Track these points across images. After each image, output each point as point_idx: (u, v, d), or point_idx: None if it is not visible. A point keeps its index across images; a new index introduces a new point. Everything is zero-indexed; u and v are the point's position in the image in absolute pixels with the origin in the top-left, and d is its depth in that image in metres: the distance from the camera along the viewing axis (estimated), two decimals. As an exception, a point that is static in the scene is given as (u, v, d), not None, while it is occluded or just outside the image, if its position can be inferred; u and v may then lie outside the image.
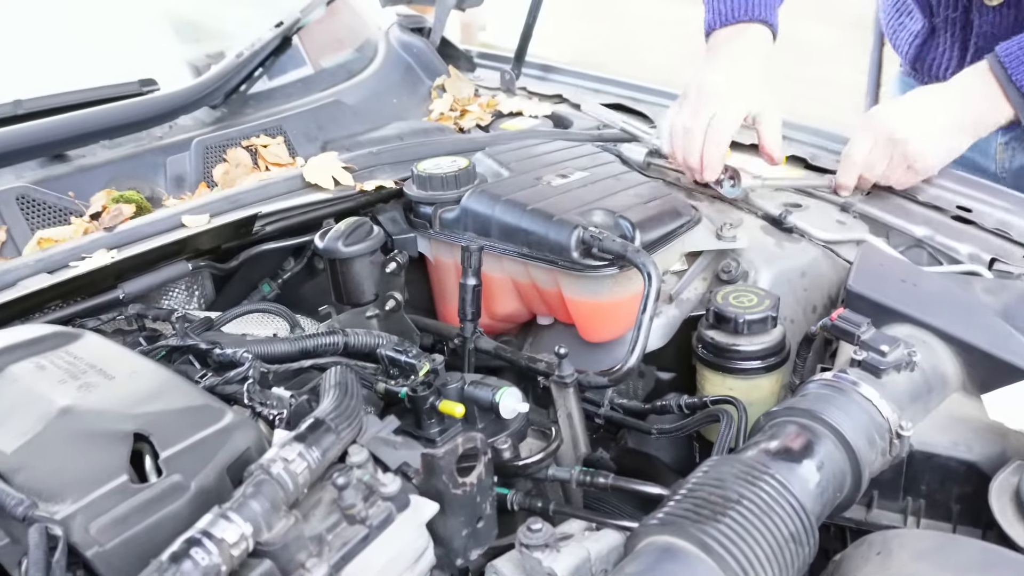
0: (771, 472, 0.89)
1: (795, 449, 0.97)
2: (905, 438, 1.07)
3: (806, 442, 0.98)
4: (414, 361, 1.14)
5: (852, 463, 1.01)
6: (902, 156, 1.54)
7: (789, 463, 0.94)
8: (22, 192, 1.42)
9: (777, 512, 0.86)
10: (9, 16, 1.88)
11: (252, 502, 0.78)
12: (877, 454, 1.06)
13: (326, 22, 2.16)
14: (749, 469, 0.89)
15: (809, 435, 1.00)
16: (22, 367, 0.98)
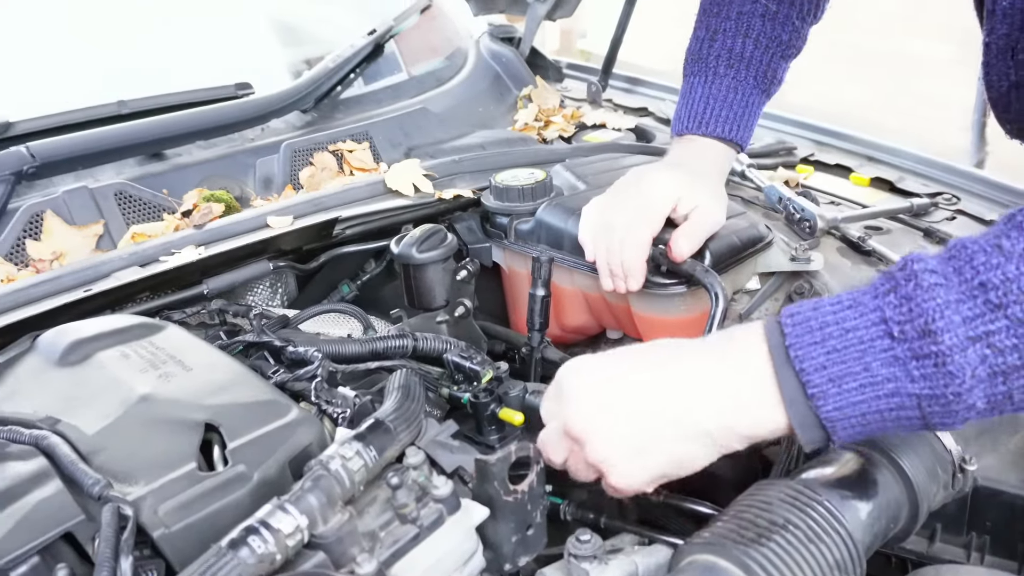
0: (821, 499, 0.89)
1: (849, 477, 0.96)
2: (969, 472, 1.06)
3: (861, 470, 0.97)
4: (478, 368, 1.16)
5: (909, 495, 1.00)
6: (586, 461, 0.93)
7: (841, 491, 0.93)
8: (120, 188, 1.50)
9: (824, 539, 0.86)
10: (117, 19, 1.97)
11: (309, 496, 0.81)
12: (939, 487, 1.04)
13: (420, 28, 2.21)
14: (798, 494, 0.89)
15: (865, 463, 0.99)
16: (109, 354, 1.04)
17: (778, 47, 1.39)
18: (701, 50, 1.42)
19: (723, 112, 1.38)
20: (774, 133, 2.01)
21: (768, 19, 1.38)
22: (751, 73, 1.38)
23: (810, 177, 1.83)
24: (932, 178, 1.78)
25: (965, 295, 0.74)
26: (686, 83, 1.43)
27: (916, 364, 0.75)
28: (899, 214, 1.65)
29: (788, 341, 0.81)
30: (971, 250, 0.76)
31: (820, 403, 0.79)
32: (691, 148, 1.40)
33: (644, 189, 1.30)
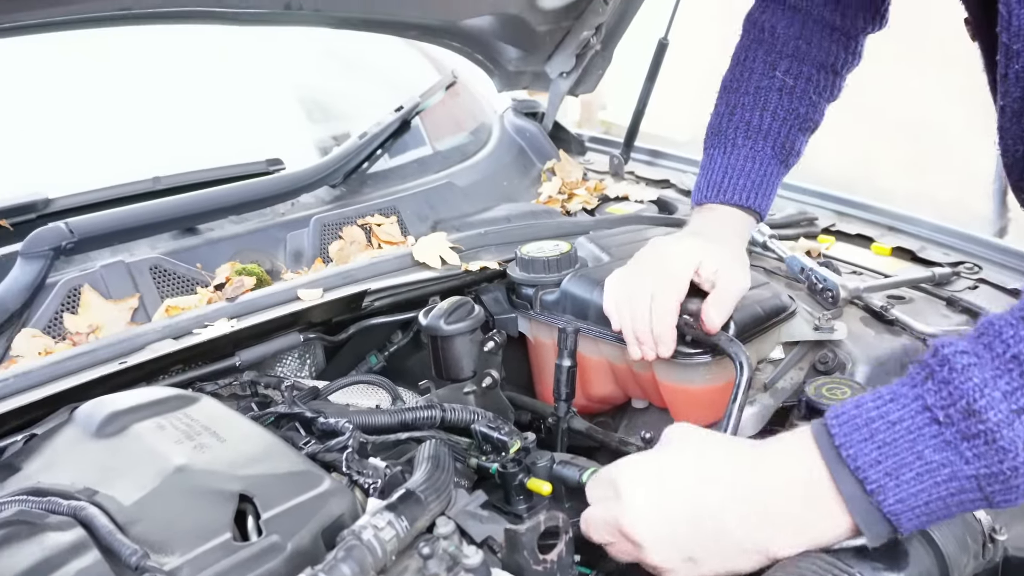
0: (854, 572, 0.89)
1: (881, 549, 0.96)
2: (1000, 542, 1.05)
3: (893, 542, 0.97)
4: (506, 438, 1.18)
5: (940, 567, 0.99)
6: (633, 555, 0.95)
7: (873, 563, 0.93)
8: (155, 263, 1.55)
9: (855, 611, 0.86)
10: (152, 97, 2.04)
11: (343, 565, 0.82)
12: (969, 557, 1.04)
13: (445, 104, 2.27)
14: (831, 566, 0.89)
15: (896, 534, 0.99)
16: (145, 426, 1.07)
17: (796, 120, 1.42)
18: (720, 124, 1.45)
19: (741, 181, 1.40)
20: (796, 204, 2.04)
21: (786, 93, 1.41)
22: (769, 144, 1.41)
23: (832, 247, 1.85)
24: (953, 247, 1.80)
25: (1000, 370, 0.76)
26: (706, 156, 1.46)
27: (967, 445, 0.76)
28: (921, 283, 1.66)
29: (837, 441, 0.82)
30: (998, 326, 0.77)
31: (881, 498, 0.80)
32: (711, 216, 1.42)
33: (665, 257, 1.32)
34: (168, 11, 1.48)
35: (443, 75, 2.31)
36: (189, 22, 1.61)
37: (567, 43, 2.21)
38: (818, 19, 1.42)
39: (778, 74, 1.41)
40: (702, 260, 1.30)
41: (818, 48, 1.41)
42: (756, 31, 1.44)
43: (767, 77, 1.42)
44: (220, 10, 1.55)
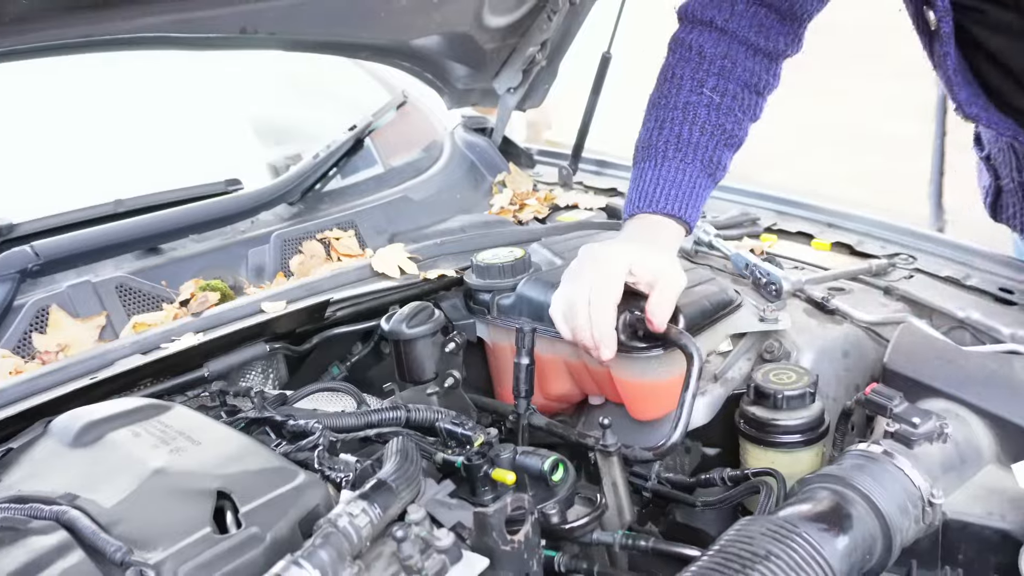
0: (799, 531, 0.95)
1: (826, 512, 1.03)
2: (937, 506, 1.12)
3: (836, 506, 1.04)
4: (470, 433, 1.23)
5: (883, 529, 1.06)
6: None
7: (818, 524, 1.00)
8: (121, 282, 1.58)
9: (804, 569, 0.92)
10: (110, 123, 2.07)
11: (321, 551, 0.87)
12: (910, 522, 1.11)
13: (396, 124, 2.32)
14: (779, 528, 0.95)
15: (840, 500, 1.05)
16: (120, 434, 1.10)
17: (722, 135, 1.49)
18: (650, 139, 1.50)
19: (671, 191, 1.45)
20: (739, 205, 2.11)
21: (713, 109, 1.48)
22: (697, 157, 1.47)
23: (774, 245, 1.92)
24: (889, 240, 1.89)
25: None
26: (636, 170, 1.51)
27: None
28: (860, 275, 1.74)
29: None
30: None
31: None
32: (641, 224, 1.47)
33: (598, 262, 1.37)
34: (126, 38, 1.52)
35: (394, 95, 2.36)
36: (147, 48, 1.65)
37: (513, 59, 2.27)
38: (743, 40, 1.49)
39: (706, 91, 1.48)
40: (634, 262, 1.35)
41: (742, 68, 1.49)
42: (683, 50, 1.52)
43: (695, 93, 1.48)
44: (178, 36, 1.58)
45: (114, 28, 1.45)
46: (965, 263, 1.76)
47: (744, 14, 1.48)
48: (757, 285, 1.67)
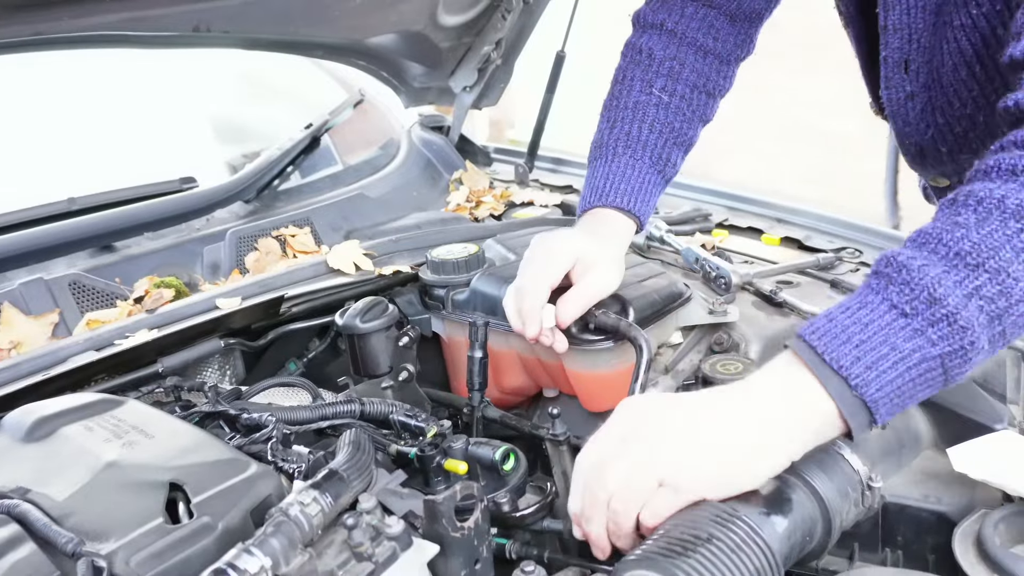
0: (740, 515, 0.98)
1: (766, 497, 1.05)
2: (876, 490, 1.15)
3: (777, 490, 1.06)
4: (423, 424, 1.25)
5: (823, 512, 1.09)
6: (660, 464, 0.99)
7: (759, 508, 1.02)
8: (74, 279, 1.58)
9: (744, 551, 0.94)
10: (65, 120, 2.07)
11: (272, 539, 0.88)
12: (850, 505, 1.14)
13: (353, 122, 2.34)
14: (720, 512, 0.98)
15: (781, 484, 1.08)
16: (73, 428, 1.11)
17: (671, 134, 1.52)
18: (602, 138, 1.54)
19: (622, 186, 1.48)
20: (691, 201, 2.15)
21: (662, 108, 1.51)
22: (647, 154, 1.50)
23: (725, 240, 1.96)
24: (836, 235, 1.93)
25: (948, 266, 0.90)
26: (590, 168, 1.54)
27: (933, 330, 0.90)
28: (807, 268, 1.78)
29: (819, 349, 0.94)
30: (936, 233, 0.92)
31: (864, 390, 0.92)
32: (593, 218, 1.50)
33: (546, 249, 1.40)
34: (78, 36, 1.52)
35: (351, 94, 2.38)
36: (99, 46, 1.65)
37: (469, 58, 2.30)
38: (692, 43, 1.52)
39: (655, 91, 1.51)
40: (580, 254, 1.38)
41: (691, 69, 1.52)
42: (634, 53, 1.55)
43: (644, 94, 1.51)
44: (130, 34, 1.59)
45: (65, 26, 1.45)
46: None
47: (694, 16, 1.52)
48: (707, 279, 1.71)
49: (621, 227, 1.49)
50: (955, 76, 1.29)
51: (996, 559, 1.04)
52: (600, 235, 1.46)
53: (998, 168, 0.92)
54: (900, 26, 1.31)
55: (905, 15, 1.29)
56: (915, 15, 1.29)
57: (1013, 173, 0.90)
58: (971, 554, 1.08)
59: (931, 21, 1.28)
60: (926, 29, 1.30)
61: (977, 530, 1.09)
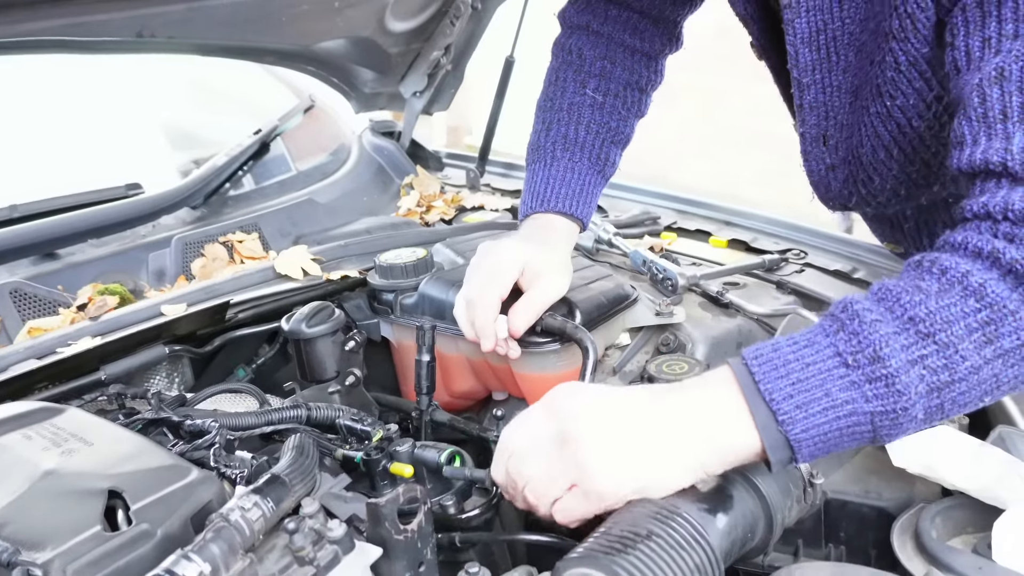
0: (681, 511, 0.99)
1: (707, 494, 1.06)
2: (818, 486, 1.17)
3: (718, 488, 1.08)
4: (369, 429, 1.25)
5: (764, 508, 1.10)
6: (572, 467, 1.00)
7: (699, 504, 1.03)
8: (15, 287, 1.56)
9: (684, 547, 0.95)
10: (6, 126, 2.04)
11: (212, 545, 0.87)
12: (792, 501, 1.15)
13: (305, 127, 2.33)
14: (661, 509, 0.99)
15: (722, 482, 1.09)
16: (11, 438, 1.09)
17: (608, 133, 1.53)
18: (539, 140, 1.55)
19: (562, 190, 1.50)
20: (640, 204, 2.17)
21: (596, 109, 1.53)
22: (585, 155, 1.51)
23: (674, 242, 1.98)
24: (782, 236, 1.96)
25: (899, 328, 0.89)
26: (529, 171, 1.55)
27: (870, 386, 0.89)
28: (753, 269, 1.80)
29: (757, 377, 0.94)
30: (896, 292, 0.91)
31: (789, 427, 0.92)
32: (535, 224, 1.51)
33: (492, 259, 1.41)
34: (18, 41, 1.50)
35: (301, 99, 2.37)
36: (40, 52, 1.63)
37: (419, 64, 2.30)
38: (620, 42, 1.54)
39: (588, 92, 1.52)
40: (526, 262, 1.39)
41: (622, 68, 1.54)
42: (564, 54, 1.56)
43: (579, 95, 1.53)
44: (72, 39, 1.56)
45: (3, 32, 1.43)
46: (853, 257, 1.84)
47: (618, 18, 1.54)
48: (654, 281, 1.72)
49: (564, 231, 1.51)
50: (874, 157, 1.30)
51: (932, 552, 1.06)
52: (545, 241, 1.47)
53: (965, 247, 0.92)
54: (816, 105, 1.32)
55: (821, 94, 1.30)
56: (831, 95, 1.29)
57: (979, 255, 0.90)
58: (909, 547, 1.10)
59: (848, 101, 1.29)
60: (843, 108, 1.30)
61: (915, 524, 1.11)
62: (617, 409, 1.01)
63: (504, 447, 1.07)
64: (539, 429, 1.04)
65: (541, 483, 1.02)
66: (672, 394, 1.02)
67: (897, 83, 1.19)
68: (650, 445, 0.99)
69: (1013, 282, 0.87)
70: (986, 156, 0.93)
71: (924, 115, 1.21)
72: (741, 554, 1.08)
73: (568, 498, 1.01)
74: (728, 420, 0.96)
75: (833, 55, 1.26)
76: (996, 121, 0.94)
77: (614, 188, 2.18)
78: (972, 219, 0.94)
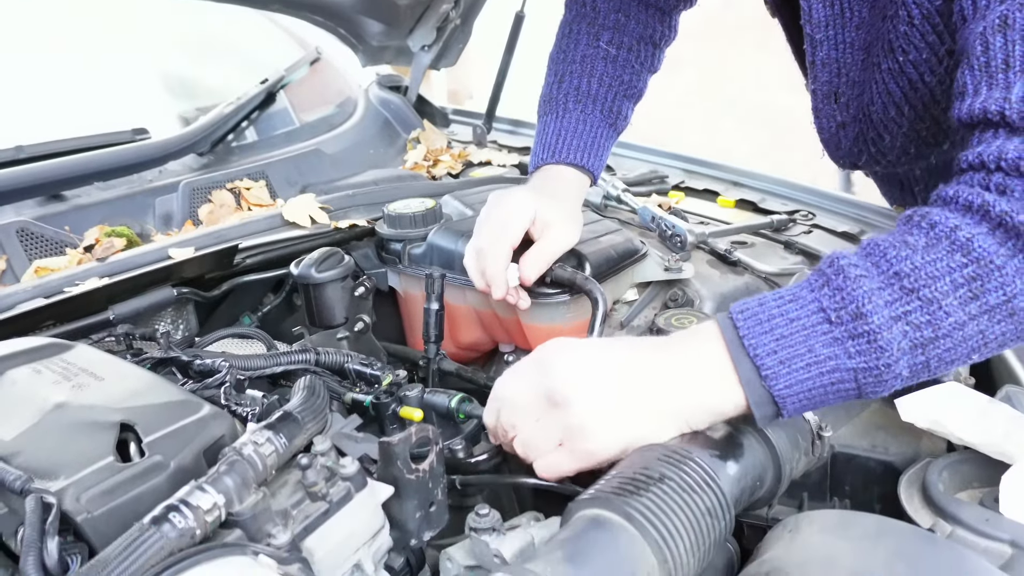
0: (692, 456, 0.99)
1: (718, 441, 1.07)
2: (825, 439, 1.17)
3: (729, 436, 1.08)
4: (379, 373, 1.24)
5: (773, 458, 1.11)
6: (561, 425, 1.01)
7: (711, 451, 1.04)
8: (22, 226, 1.54)
9: (695, 489, 0.95)
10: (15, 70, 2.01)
11: (225, 477, 0.87)
12: (800, 453, 1.16)
13: (310, 81, 2.31)
14: (672, 453, 0.99)
15: (733, 431, 1.10)
16: (20, 372, 1.08)
17: (620, 86, 1.53)
18: (551, 92, 1.55)
19: (574, 142, 1.49)
20: (647, 164, 2.16)
21: (610, 61, 1.52)
22: (597, 108, 1.51)
23: (681, 201, 1.97)
24: (790, 198, 1.95)
25: (884, 283, 0.88)
26: (540, 123, 1.55)
27: (852, 343, 0.89)
28: (761, 229, 1.80)
29: (741, 332, 0.94)
30: (883, 246, 0.90)
31: (773, 383, 0.92)
32: (547, 175, 1.51)
33: (502, 209, 1.40)
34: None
35: (307, 51, 2.35)
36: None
37: (428, 17, 2.28)
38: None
39: (602, 44, 1.52)
40: (537, 212, 1.38)
41: (636, 21, 1.53)
42: (578, 6, 1.56)
43: (592, 47, 1.52)
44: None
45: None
46: (862, 219, 1.84)
47: None
48: (663, 237, 1.72)
49: (575, 183, 1.50)
50: (885, 115, 1.29)
51: (939, 504, 1.06)
52: (555, 192, 1.46)
53: (956, 200, 0.91)
54: (828, 61, 1.31)
55: (834, 50, 1.29)
56: (843, 51, 1.29)
57: (969, 209, 0.89)
58: (916, 500, 1.10)
59: (860, 58, 1.29)
60: (855, 65, 1.30)
61: (922, 477, 1.12)
62: (606, 369, 1.01)
63: (495, 397, 1.08)
64: (530, 385, 1.04)
65: (532, 438, 1.03)
66: (659, 351, 1.01)
67: (910, 37, 1.19)
68: (637, 405, 0.99)
69: (1002, 236, 0.86)
70: (985, 105, 0.92)
71: (936, 70, 1.20)
72: (749, 503, 1.08)
73: (556, 455, 1.02)
74: (713, 376, 0.97)
75: (847, 11, 1.26)
76: (997, 70, 0.93)
77: (621, 147, 2.17)
78: (967, 170, 0.93)
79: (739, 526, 1.23)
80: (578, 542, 0.90)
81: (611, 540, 0.90)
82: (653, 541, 0.90)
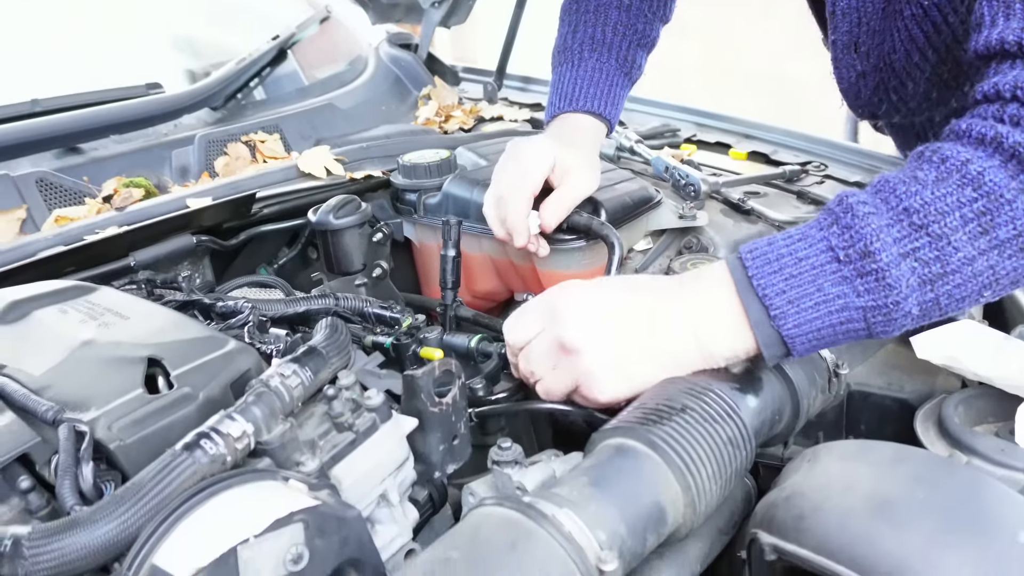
0: (714, 388, 1.00)
1: (739, 375, 1.08)
2: (842, 376, 1.19)
3: (748, 370, 1.09)
4: (399, 316, 1.25)
5: (791, 395, 1.12)
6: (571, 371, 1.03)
7: (731, 383, 1.05)
8: (41, 176, 1.55)
9: (717, 419, 0.97)
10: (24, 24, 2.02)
11: (253, 407, 0.89)
12: (817, 391, 1.17)
13: (320, 39, 2.31)
14: (694, 385, 1.00)
15: (752, 366, 1.11)
16: (46, 312, 1.10)
17: (634, 35, 1.53)
18: (565, 42, 1.55)
19: (590, 90, 1.49)
20: (659, 117, 2.16)
21: (623, 10, 1.53)
22: (612, 56, 1.51)
23: (693, 153, 1.98)
24: (802, 149, 1.96)
25: (893, 220, 0.88)
26: (555, 74, 1.55)
27: (861, 281, 0.88)
28: (774, 179, 1.80)
29: (750, 272, 0.94)
30: (893, 183, 0.89)
31: (782, 322, 0.93)
32: (564, 123, 1.51)
33: (521, 157, 1.40)
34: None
35: (316, 10, 2.35)
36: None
37: (438, -28, 2.27)
38: None
39: None
40: (556, 159, 1.39)
41: None
42: None
43: None
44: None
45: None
46: (874, 170, 1.84)
47: None
48: (676, 187, 1.72)
49: (592, 130, 1.51)
50: (907, 61, 1.28)
51: (955, 436, 1.07)
52: (573, 139, 1.46)
53: (969, 134, 0.89)
54: (849, 11, 1.31)
55: (855, 0, 1.29)
56: (864, 0, 1.29)
57: (982, 142, 0.88)
58: (932, 433, 1.12)
59: (880, 6, 1.28)
60: (875, 13, 1.30)
61: (938, 411, 1.13)
62: (613, 316, 1.02)
63: (508, 343, 1.10)
64: (542, 332, 1.05)
65: (553, 384, 1.06)
66: (668, 294, 1.02)
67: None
68: (646, 351, 1.00)
69: (1015, 169, 0.85)
70: (1002, 36, 0.91)
71: (959, 9, 1.20)
72: (768, 437, 1.10)
73: (575, 398, 1.06)
74: (722, 317, 0.97)
75: None
76: (1015, 1, 0.92)
77: (632, 102, 2.16)
78: (981, 101, 0.92)
79: (755, 466, 1.25)
80: (603, 468, 0.91)
81: (635, 467, 0.91)
82: (676, 468, 0.91)
